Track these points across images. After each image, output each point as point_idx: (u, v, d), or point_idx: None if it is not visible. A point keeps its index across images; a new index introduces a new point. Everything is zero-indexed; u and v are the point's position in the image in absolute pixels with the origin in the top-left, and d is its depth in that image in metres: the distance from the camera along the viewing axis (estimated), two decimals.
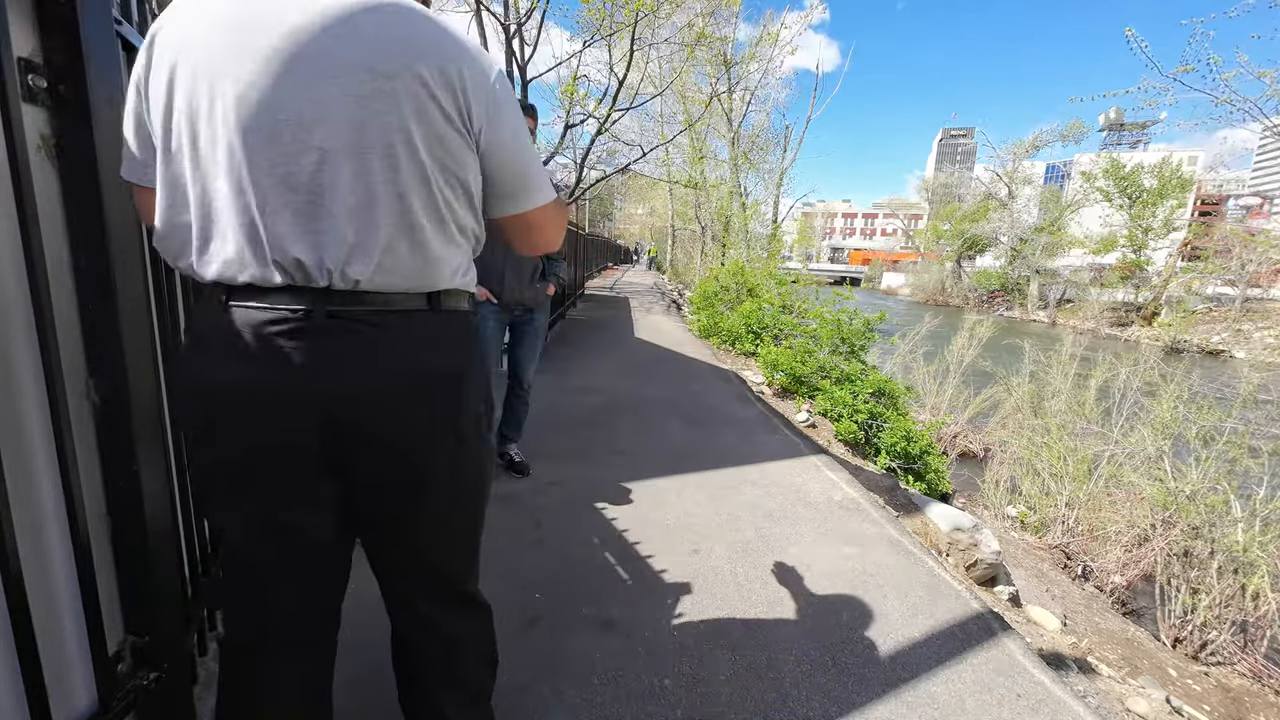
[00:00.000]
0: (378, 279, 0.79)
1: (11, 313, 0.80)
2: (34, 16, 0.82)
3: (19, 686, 0.80)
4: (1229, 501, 4.12)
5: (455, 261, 0.87)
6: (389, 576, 1.01)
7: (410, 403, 0.84)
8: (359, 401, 0.81)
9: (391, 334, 0.82)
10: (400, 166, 0.77)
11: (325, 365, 0.79)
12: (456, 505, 0.96)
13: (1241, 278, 23.80)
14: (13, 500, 0.77)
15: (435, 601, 1.02)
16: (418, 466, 0.88)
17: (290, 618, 0.91)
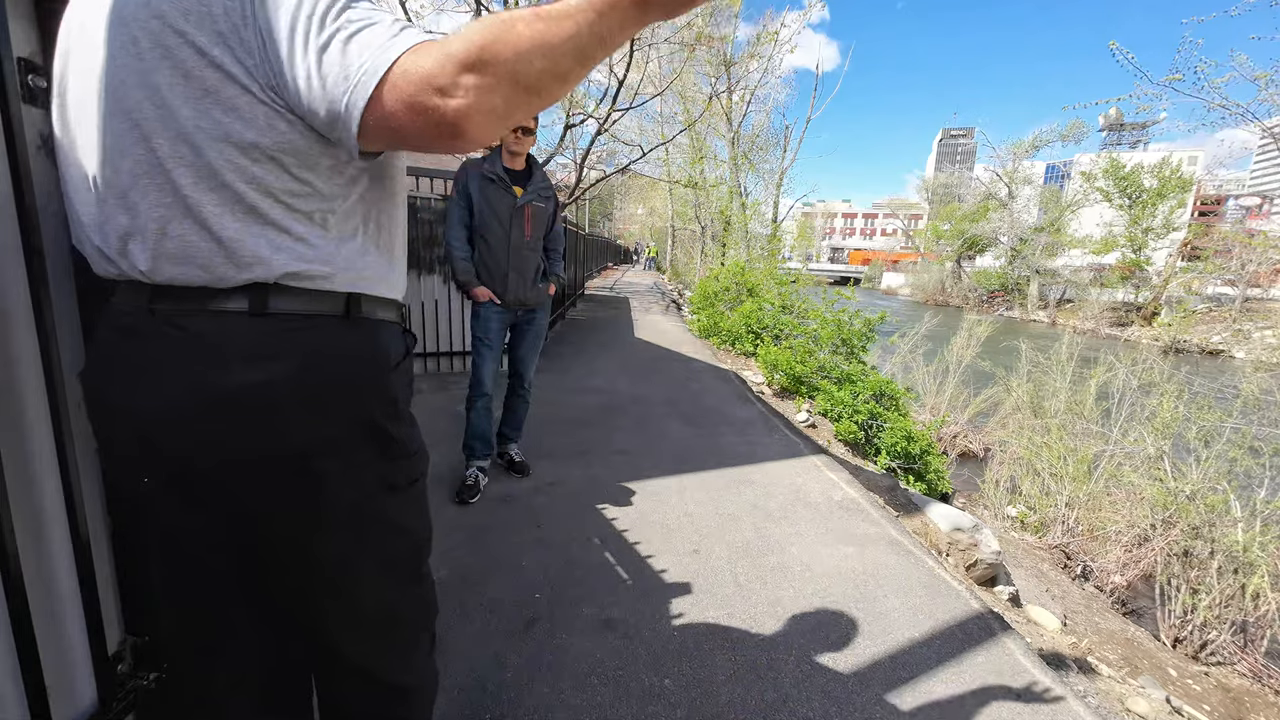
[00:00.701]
0: (168, 269, 0.66)
1: (11, 313, 0.80)
2: (34, 16, 0.82)
3: (19, 686, 0.80)
4: (1229, 501, 4.12)
5: (290, 248, 0.67)
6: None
7: (218, 430, 0.68)
8: (159, 425, 0.69)
9: (193, 341, 0.68)
10: (152, 134, 0.63)
11: (129, 377, 0.70)
12: (344, 571, 0.78)
13: (1241, 278, 23.80)
14: (13, 500, 0.77)
15: (360, 701, 0.87)
16: (244, 516, 0.72)
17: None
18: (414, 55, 0.59)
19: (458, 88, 0.57)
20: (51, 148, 0.86)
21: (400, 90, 0.58)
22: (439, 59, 0.58)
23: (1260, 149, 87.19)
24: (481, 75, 0.57)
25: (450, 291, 4.76)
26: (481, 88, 0.57)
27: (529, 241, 2.59)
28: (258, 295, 0.68)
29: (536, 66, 0.58)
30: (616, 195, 31.87)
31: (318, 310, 0.71)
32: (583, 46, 0.60)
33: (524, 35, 0.58)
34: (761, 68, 16.07)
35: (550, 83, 0.61)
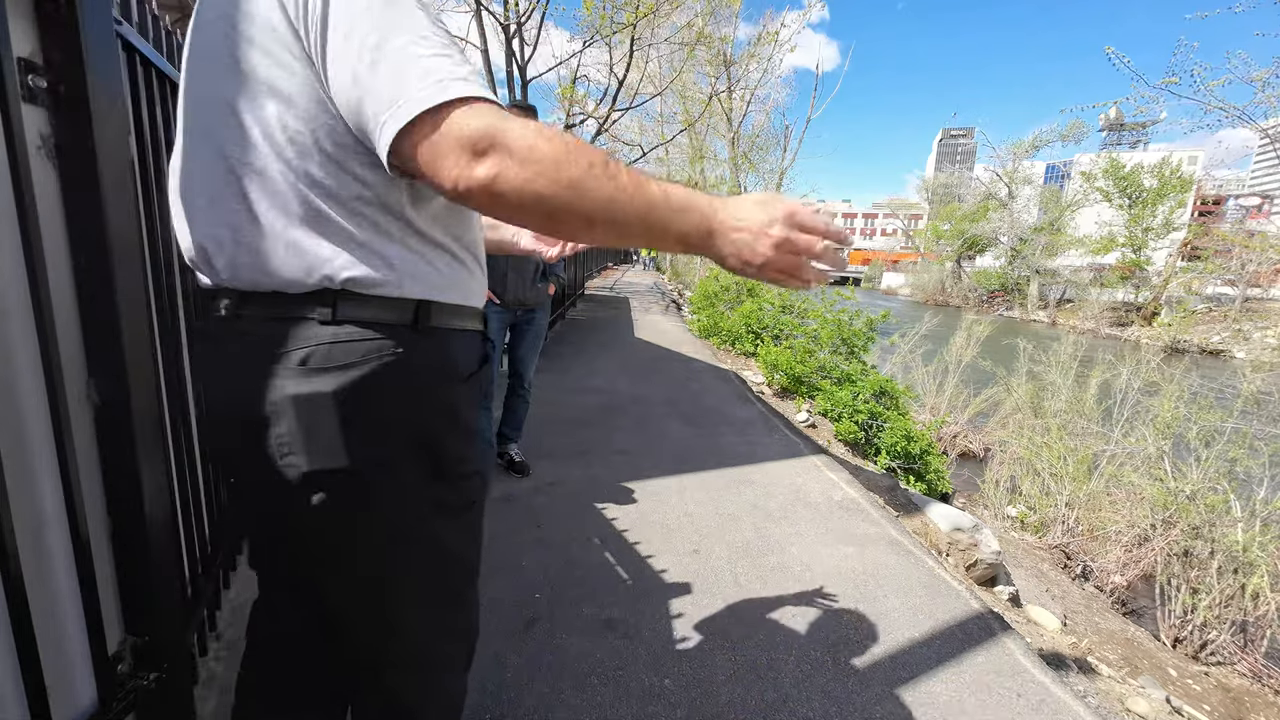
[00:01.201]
0: (243, 275, 0.69)
1: (11, 313, 0.80)
2: (34, 16, 0.82)
3: (19, 686, 0.80)
4: (1229, 501, 4.12)
5: (354, 253, 0.67)
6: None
7: (274, 439, 0.69)
8: (227, 429, 0.74)
9: (262, 347, 0.69)
10: (225, 141, 0.66)
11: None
12: (383, 591, 0.78)
13: (1241, 278, 23.80)
14: (13, 500, 0.77)
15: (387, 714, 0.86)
16: (294, 523, 0.74)
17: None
18: (467, 110, 0.57)
19: (486, 163, 0.56)
20: (51, 148, 0.86)
21: (432, 136, 0.57)
22: (485, 127, 0.56)
23: (1260, 149, 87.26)
24: (518, 166, 0.56)
25: None
26: (508, 177, 0.56)
27: None
28: (325, 302, 0.67)
29: (567, 197, 0.58)
30: None
31: (384, 318, 0.69)
32: (621, 218, 0.60)
33: (581, 165, 0.57)
34: (761, 68, 16.08)
35: (573, 221, 0.60)
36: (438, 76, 0.58)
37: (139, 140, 1.17)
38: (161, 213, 1.25)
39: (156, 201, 1.24)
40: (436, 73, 0.58)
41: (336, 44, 0.59)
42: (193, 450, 1.40)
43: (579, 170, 0.57)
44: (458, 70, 0.59)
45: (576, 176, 0.57)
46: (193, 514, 1.38)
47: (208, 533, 1.53)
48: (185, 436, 1.35)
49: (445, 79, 0.57)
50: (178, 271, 1.35)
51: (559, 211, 0.58)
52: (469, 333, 0.80)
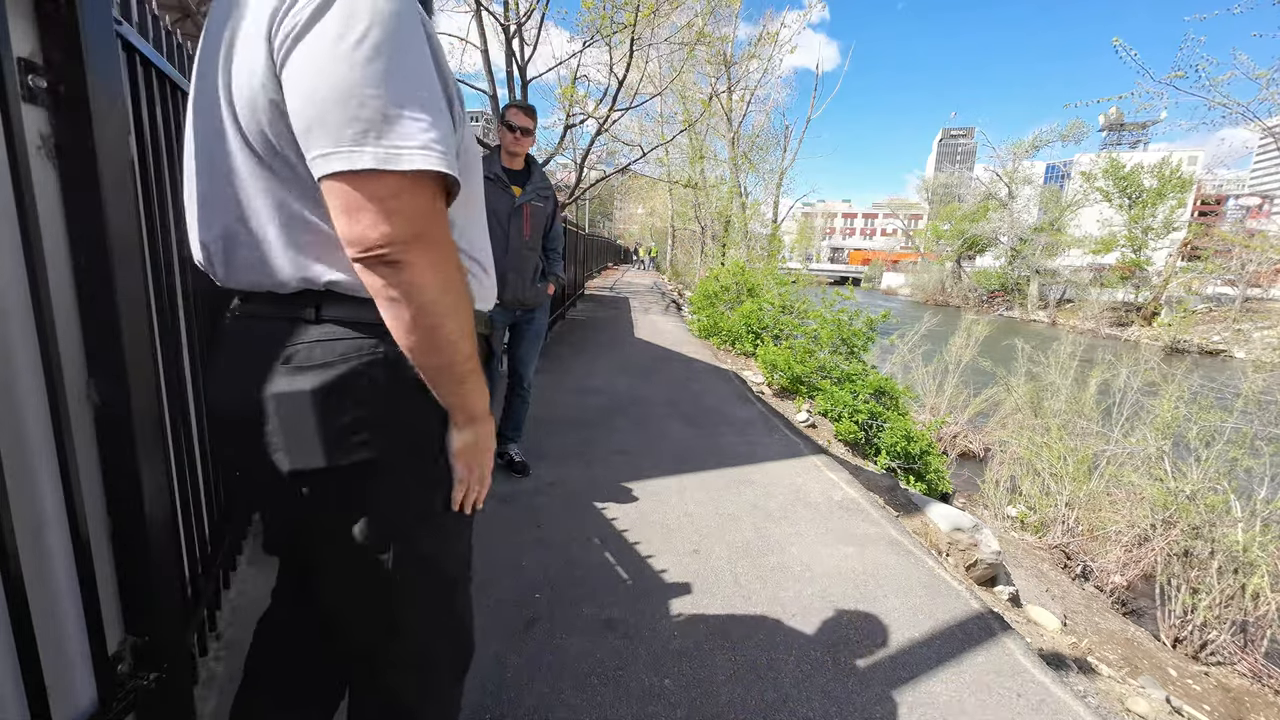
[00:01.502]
0: (236, 276, 0.74)
1: (11, 313, 0.80)
2: (34, 16, 0.82)
3: (19, 686, 0.80)
4: (1229, 501, 4.12)
5: (334, 255, 0.70)
6: None
7: (263, 434, 0.74)
8: (225, 424, 0.79)
9: (257, 345, 0.74)
10: (218, 144, 0.69)
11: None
12: (367, 595, 0.79)
13: (1241, 278, 23.79)
14: (13, 500, 0.77)
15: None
16: (287, 519, 0.81)
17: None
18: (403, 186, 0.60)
19: (397, 246, 0.60)
20: (51, 148, 0.86)
21: (356, 196, 0.59)
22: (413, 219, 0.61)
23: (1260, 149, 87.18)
24: (421, 250, 0.61)
25: None
26: (417, 259, 0.61)
27: (528, 241, 2.59)
28: (311, 302, 0.69)
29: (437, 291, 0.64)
30: (616, 195, 31.88)
31: (367, 318, 0.69)
32: (432, 344, 0.66)
33: (451, 279, 0.65)
34: (761, 68, 16.08)
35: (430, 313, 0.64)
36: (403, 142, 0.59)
37: (139, 140, 1.17)
38: (161, 213, 1.25)
39: (156, 201, 1.24)
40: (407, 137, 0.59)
41: (305, 52, 0.60)
42: (193, 450, 1.40)
43: (452, 283, 0.65)
44: (420, 138, 0.60)
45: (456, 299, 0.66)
46: (193, 514, 1.38)
47: (208, 533, 1.53)
48: (185, 436, 1.35)
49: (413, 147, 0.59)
50: (178, 271, 1.35)
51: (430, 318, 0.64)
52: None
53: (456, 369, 0.68)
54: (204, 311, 1.44)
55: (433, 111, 0.62)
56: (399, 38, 0.60)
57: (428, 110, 0.61)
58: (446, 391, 0.71)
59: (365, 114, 0.58)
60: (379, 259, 0.60)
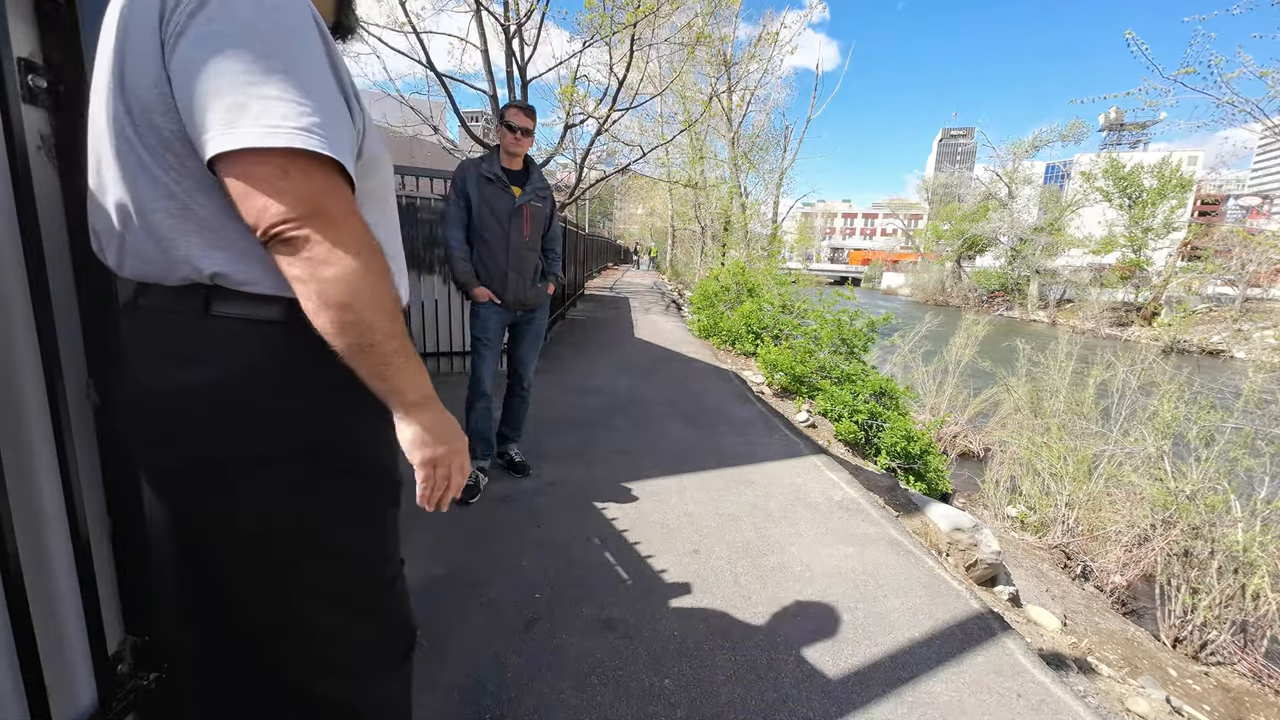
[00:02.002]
0: (127, 264, 0.71)
1: (11, 313, 0.80)
2: (34, 17, 0.82)
3: (19, 686, 0.80)
4: (1229, 501, 4.12)
5: (220, 249, 0.69)
6: None
7: (156, 430, 0.72)
8: (123, 419, 0.78)
9: (150, 338, 0.72)
10: (113, 133, 0.67)
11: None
12: (267, 592, 0.76)
13: (1241, 278, 23.79)
14: (13, 500, 0.77)
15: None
16: (183, 517, 0.76)
17: None
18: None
19: (298, 221, 0.61)
20: (50, 148, 0.86)
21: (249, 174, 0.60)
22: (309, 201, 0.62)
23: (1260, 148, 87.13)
24: (323, 228, 0.62)
25: (450, 292, 4.76)
26: (317, 241, 0.62)
27: (528, 241, 2.59)
28: (201, 296, 0.68)
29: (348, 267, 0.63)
30: (616, 195, 31.88)
31: (257, 315, 0.69)
32: (342, 325, 0.64)
33: (368, 266, 0.65)
34: (762, 68, 16.07)
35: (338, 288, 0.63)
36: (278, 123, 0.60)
37: None
38: None
39: None
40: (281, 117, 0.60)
41: (191, 41, 0.60)
42: None
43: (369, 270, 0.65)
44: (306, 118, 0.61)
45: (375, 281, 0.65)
46: None
47: None
48: None
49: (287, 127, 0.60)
50: None
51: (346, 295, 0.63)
52: None
53: (377, 349, 0.66)
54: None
55: (318, 99, 0.63)
56: (283, 29, 0.62)
57: (312, 97, 0.62)
58: (370, 376, 0.68)
59: (244, 99, 0.59)
60: (276, 238, 0.61)
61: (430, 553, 2.18)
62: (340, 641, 0.81)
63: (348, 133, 0.67)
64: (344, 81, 0.69)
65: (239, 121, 0.59)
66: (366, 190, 0.76)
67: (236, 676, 0.84)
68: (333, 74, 0.67)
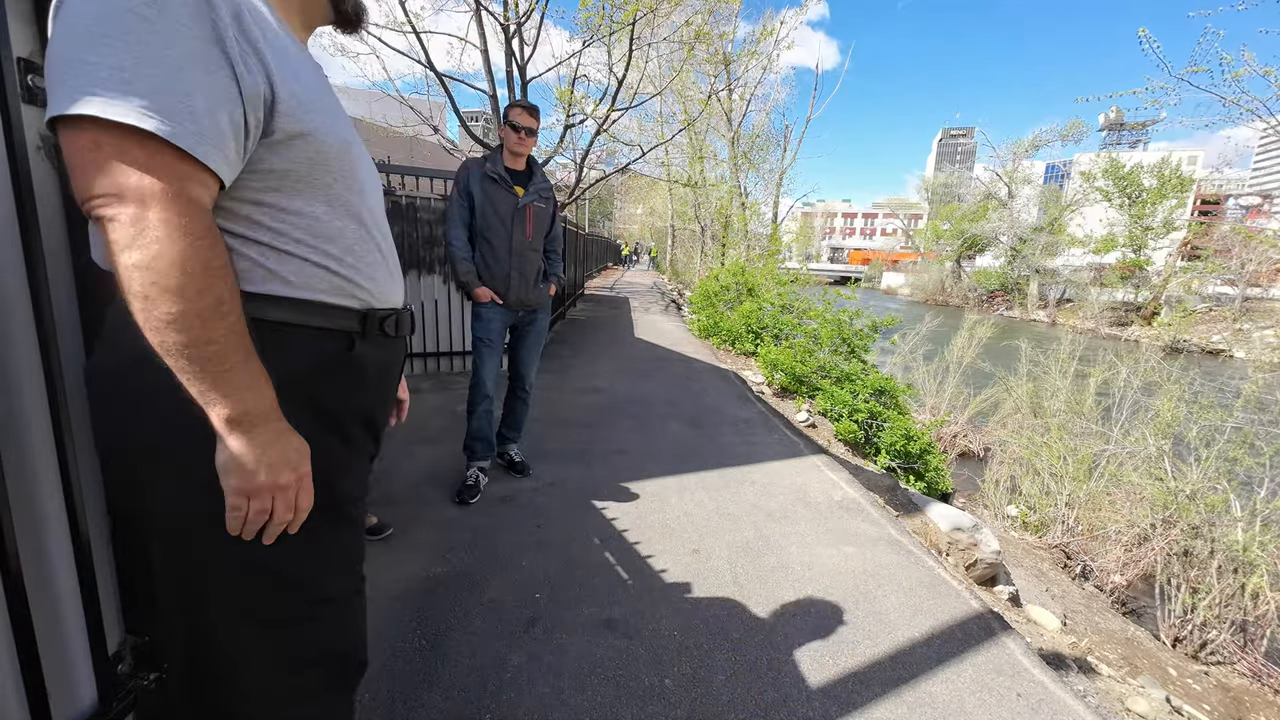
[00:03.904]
0: (91, 250, 0.71)
1: (11, 312, 0.80)
2: (34, 17, 0.82)
3: (19, 686, 0.80)
4: (1229, 501, 4.12)
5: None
6: None
7: (89, 411, 0.74)
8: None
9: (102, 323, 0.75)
10: None
11: None
12: (180, 594, 0.73)
13: (1241, 277, 23.79)
14: (13, 500, 0.77)
15: None
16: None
17: None
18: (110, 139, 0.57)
19: (125, 195, 0.57)
20: (51, 148, 0.86)
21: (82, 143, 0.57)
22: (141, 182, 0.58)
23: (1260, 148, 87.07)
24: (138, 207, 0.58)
25: (450, 292, 4.76)
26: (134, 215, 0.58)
27: (530, 242, 2.58)
28: (109, 280, 0.62)
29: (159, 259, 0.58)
30: (616, 195, 31.86)
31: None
32: (150, 320, 0.59)
33: (182, 250, 0.59)
34: (761, 65, 16.06)
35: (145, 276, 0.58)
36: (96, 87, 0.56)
37: None
38: None
39: None
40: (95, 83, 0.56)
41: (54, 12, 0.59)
42: None
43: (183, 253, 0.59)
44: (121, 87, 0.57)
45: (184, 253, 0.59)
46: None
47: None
48: None
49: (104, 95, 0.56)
50: None
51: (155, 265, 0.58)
52: (294, 328, 0.74)
53: (187, 351, 0.60)
54: None
55: (157, 66, 0.58)
56: (134, 9, 0.57)
57: (146, 64, 0.57)
58: (185, 381, 0.61)
59: (67, 71, 0.57)
60: (89, 214, 0.58)
61: (430, 553, 2.18)
62: (254, 663, 0.74)
63: (206, 105, 0.60)
64: (226, 45, 0.62)
65: (56, 89, 0.56)
66: (281, 171, 0.70)
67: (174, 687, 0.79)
68: (200, 35, 0.60)
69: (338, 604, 0.82)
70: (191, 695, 0.75)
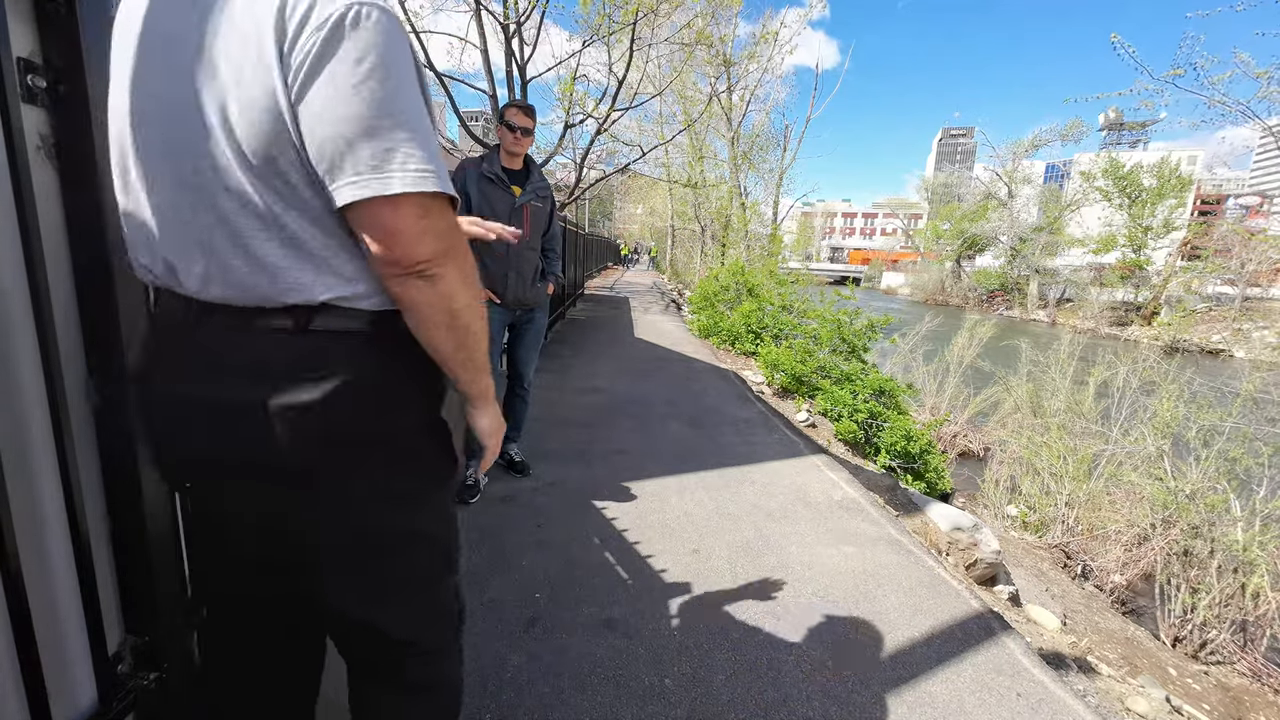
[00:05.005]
0: (213, 290, 0.71)
1: (11, 312, 0.80)
2: (34, 16, 0.82)
3: (19, 686, 0.80)
4: (1229, 501, 4.12)
5: (329, 273, 0.74)
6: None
7: (253, 441, 0.75)
8: (199, 434, 0.77)
9: (235, 356, 0.76)
10: (199, 155, 0.68)
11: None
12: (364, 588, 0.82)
13: (1241, 277, 23.80)
14: (13, 500, 0.77)
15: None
16: (267, 523, 0.81)
17: None
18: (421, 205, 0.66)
19: (432, 262, 0.68)
20: (50, 148, 0.86)
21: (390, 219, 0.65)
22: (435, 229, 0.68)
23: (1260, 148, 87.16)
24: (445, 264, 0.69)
25: None
26: (444, 267, 0.69)
27: (528, 241, 2.58)
28: (300, 315, 0.70)
29: (458, 303, 0.72)
30: (616, 195, 31.86)
31: (350, 328, 0.72)
32: (459, 343, 0.74)
33: (472, 297, 0.73)
34: (761, 67, 16.06)
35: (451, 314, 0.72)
36: (418, 165, 0.65)
37: None
38: None
39: None
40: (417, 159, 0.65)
41: (326, 84, 0.62)
42: None
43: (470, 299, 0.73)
44: (434, 162, 0.67)
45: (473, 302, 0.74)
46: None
47: None
48: None
49: (426, 171, 0.65)
50: None
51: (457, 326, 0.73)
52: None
53: (478, 360, 0.77)
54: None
55: (431, 135, 0.68)
56: (402, 67, 0.65)
57: (430, 137, 0.67)
58: (471, 380, 0.79)
59: (386, 144, 0.63)
60: (417, 274, 0.67)
61: None
62: (443, 624, 0.90)
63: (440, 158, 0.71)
64: (429, 102, 0.73)
65: (386, 167, 0.63)
66: None
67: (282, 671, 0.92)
68: (425, 99, 0.70)
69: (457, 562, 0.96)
70: (425, 667, 0.88)
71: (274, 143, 0.64)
